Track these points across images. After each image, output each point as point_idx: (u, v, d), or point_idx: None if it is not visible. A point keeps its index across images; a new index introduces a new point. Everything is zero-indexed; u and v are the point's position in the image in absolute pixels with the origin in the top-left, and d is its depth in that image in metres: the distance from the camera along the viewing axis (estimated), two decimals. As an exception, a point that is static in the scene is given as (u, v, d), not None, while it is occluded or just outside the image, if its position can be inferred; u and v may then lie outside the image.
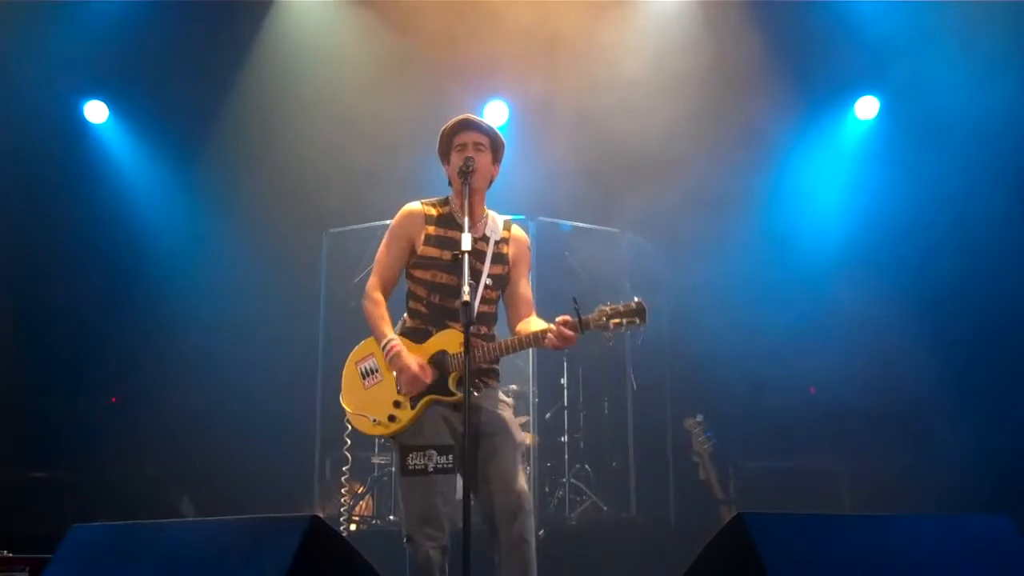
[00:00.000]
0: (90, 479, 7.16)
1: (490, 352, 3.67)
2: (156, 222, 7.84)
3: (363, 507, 6.83)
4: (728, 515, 5.20)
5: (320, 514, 3.82)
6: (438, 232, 3.79)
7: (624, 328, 3.52)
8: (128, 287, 7.58)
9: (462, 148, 3.78)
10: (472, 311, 3.47)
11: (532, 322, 3.77)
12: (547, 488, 6.96)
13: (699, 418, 6.59)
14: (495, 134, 3.87)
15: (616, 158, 7.19)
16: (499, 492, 3.60)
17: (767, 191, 7.59)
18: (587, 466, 7.12)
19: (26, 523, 6.01)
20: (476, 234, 3.76)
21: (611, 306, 3.54)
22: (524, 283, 3.91)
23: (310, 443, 7.28)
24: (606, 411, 7.54)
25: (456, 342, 3.59)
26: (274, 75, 7.60)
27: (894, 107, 7.58)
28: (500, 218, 3.92)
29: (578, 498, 6.92)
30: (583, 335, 3.55)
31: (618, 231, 7.50)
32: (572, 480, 6.93)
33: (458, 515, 3.47)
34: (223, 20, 7.41)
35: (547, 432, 7.06)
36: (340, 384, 3.85)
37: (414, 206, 3.85)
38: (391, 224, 3.88)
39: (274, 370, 7.37)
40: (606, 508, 6.90)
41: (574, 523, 6.73)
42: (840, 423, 7.05)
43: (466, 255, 3.50)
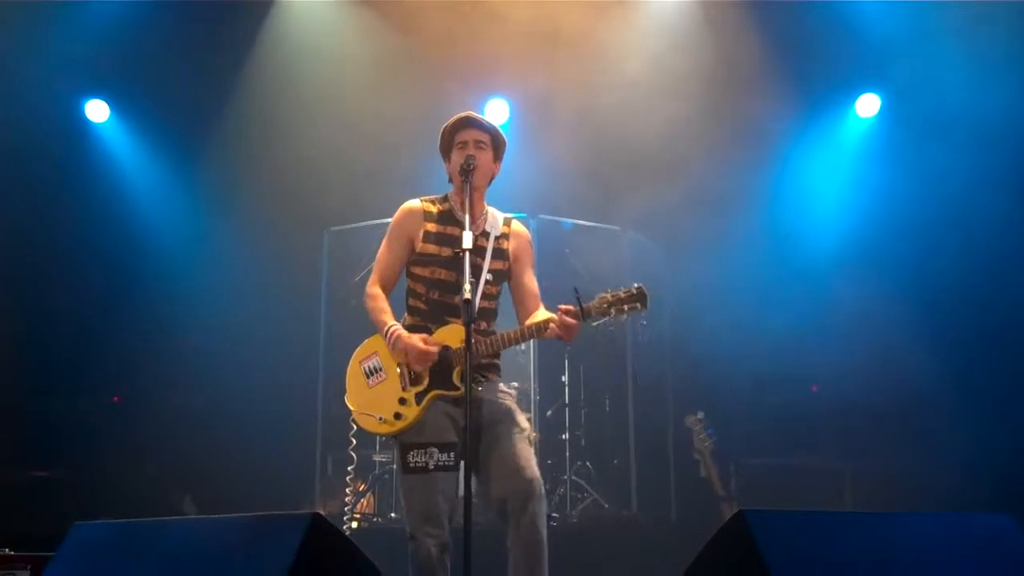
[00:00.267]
0: (91, 478, 7.16)
1: (492, 344, 3.67)
2: (157, 221, 7.84)
3: (364, 505, 6.82)
4: (729, 512, 5.21)
5: (322, 512, 3.82)
6: (437, 229, 3.78)
7: (626, 314, 3.55)
8: (129, 286, 7.58)
9: (463, 146, 3.78)
10: (473, 309, 3.46)
11: (539, 315, 3.76)
12: (548, 485, 6.93)
13: (700, 415, 6.60)
14: (496, 132, 3.87)
15: (617, 156, 7.20)
16: (507, 478, 3.58)
17: (768, 189, 7.58)
18: (588, 463, 7.12)
19: (27, 522, 6.01)
20: (476, 230, 3.76)
21: (612, 293, 3.57)
22: (529, 277, 3.90)
23: (311, 442, 7.28)
24: (607, 408, 7.54)
25: (458, 337, 3.57)
26: (275, 74, 7.60)
27: (895, 105, 7.58)
28: (500, 214, 3.91)
29: (579, 495, 6.91)
30: (585, 323, 3.56)
31: (619, 229, 7.50)
32: (573, 477, 6.93)
33: (460, 512, 3.47)
34: (224, 20, 7.41)
35: (548, 429, 7.06)
36: (342, 383, 3.84)
37: (413, 203, 3.85)
38: (391, 222, 3.88)
39: (275, 369, 7.37)
40: (607, 506, 6.89)
41: (575, 521, 6.73)
42: (842, 420, 7.06)
43: (467, 253, 3.50)
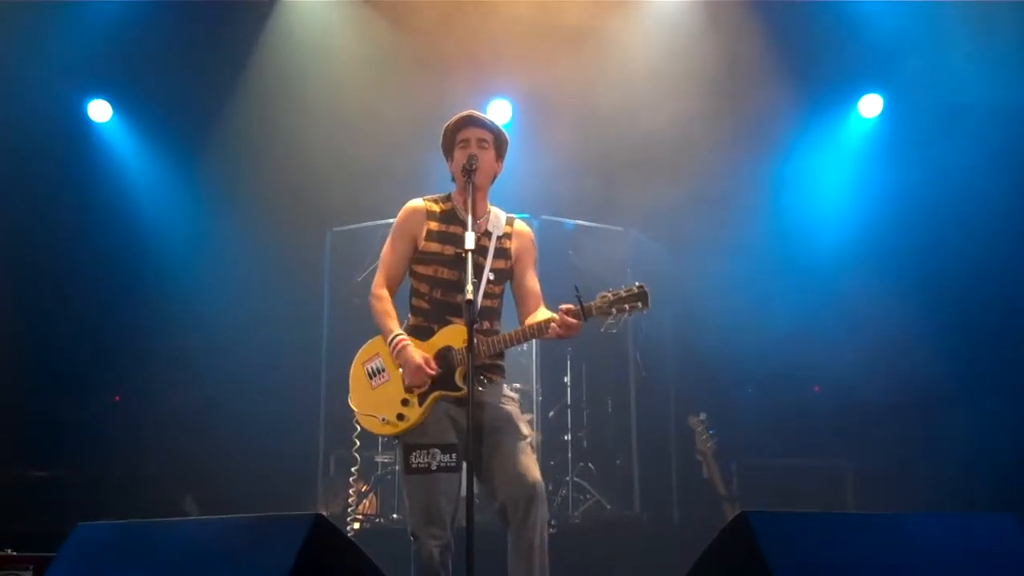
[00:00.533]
0: (93, 478, 7.17)
1: (494, 344, 3.67)
2: (159, 221, 7.84)
3: (367, 505, 6.82)
4: (731, 513, 5.21)
5: (324, 512, 3.82)
6: (440, 228, 3.78)
7: (627, 313, 3.54)
8: (131, 286, 7.58)
9: (465, 144, 3.77)
10: (475, 309, 3.47)
11: (540, 315, 3.76)
12: (551, 486, 6.94)
13: (702, 416, 6.59)
14: (498, 130, 3.86)
15: (619, 156, 7.18)
16: (507, 483, 3.59)
17: (771, 189, 7.58)
18: (590, 464, 7.12)
19: (30, 522, 6.02)
20: (479, 230, 3.76)
21: (613, 292, 3.56)
22: (531, 276, 3.90)
23: (314, 442, 7.28)
24: (609, 409, 7.54)
25: (460, 337, 3.58)
26: (277, 74, 7.60)
27: (898, 105, 7.57)
28: (503, 214, 3.90)
29: (581, 496, 6.91)
30: (586, 322, 3.56)
31: (621, 229, 7.49)
32: (575, 478, 6.93)
33: (462, 512, 3.47)
34: (226, 19, 7.41)
35: (550, 430, 7.05)
36: (344, 383, 3.84)
37: (416, 203, 3.85)
38: (394, 222, 3.88)
39: (278, 368, 7.38)
40: (609, 506, 6.89)
41: (578, 521, 6.73)
42: (844, 421, 7.05)
43: (469, 254, 3.50)
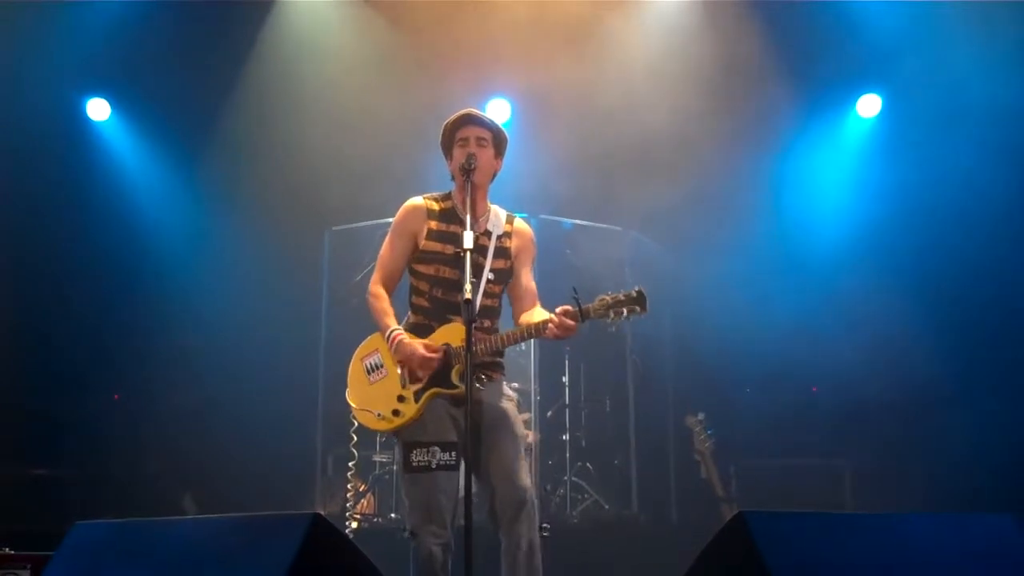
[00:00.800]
0: (92, 477, 7.17)
1: (491, 344, 3.66)
2: (158, 220, 7.83)
3: (365, 505, 6.82)
4: (729, 513, 5.19)
5: (322, 512, 3.82)
6: (440, 227, 3.78)
7: (625, 316, 3.52)
8: (130, 285, 7.57)
9: (464, 143, 3.77)
10: (474, 309, 3.47)
11: (536, 314, 3.76)
12: (548, 486, 6.95)
13: (700, 416, 6.59)
14: (497, 128, 3.86)
15: (618, 156, 7.19)
16: (501, 486, 3.59)
17: (770, 189, 7.58)
18: (588, 464, 7.12)
19: (28, 520, 6.02)
20: (479, 229, 3.75)
21: (611, 295, 3.55)
22: (527, 275, 3.90)
23: (312, 441, 7.27)
24: (608, 409, 7.54)
25: (459, 335, 3.57)
26: (276, 73, 7.60)
27: (897, 105, 7.57)
28: (503, 212, 3.90)
29: (579, 496, 6.91)
30: (584, 324, 3.55)
31: (620, 229, 7.49)
32: (574, 478, 6.93)
33: (461, 511, 3.47)
34: (224, 19, 7.41)
35: (549, 430, 7.05)
36: (343, 382, 3.85)
37: (416, 201, 3.85)
38: (394, 221, 3.87)
39: (276, 368, 7.37)
40: (607, 506, 6.89)
41: (575, 521, 6.73)
42: (842, 421, 7.05)
43: (468, 253, 3.51)
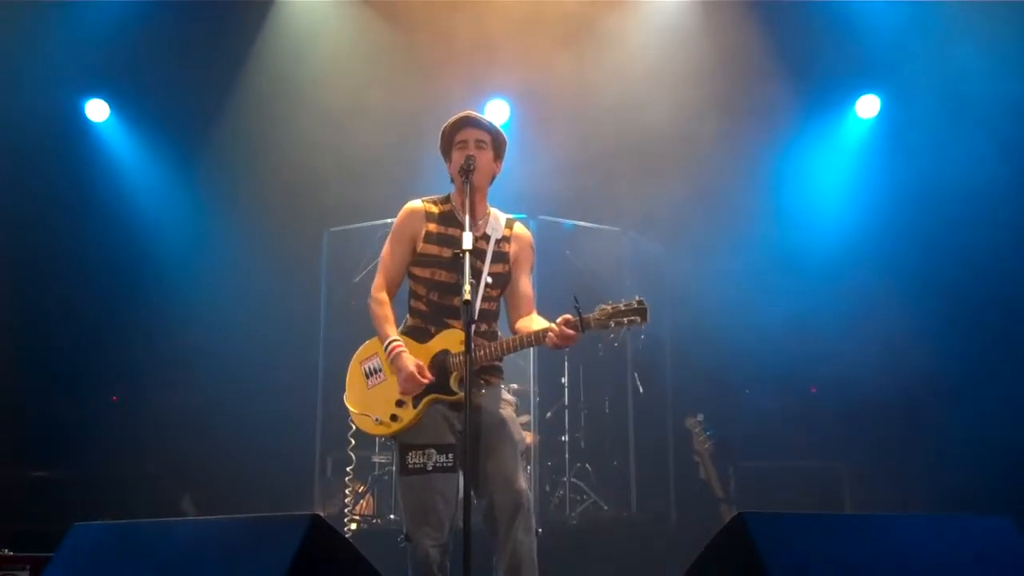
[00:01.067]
0: (91, 478, 7.16)
1: (490, 352, 3.66)
2: (157, 221, 7.83)
3: (363, 506, 6.82)
4: (728, 514, 5.21)
5: (321, 513, 3.82)
6: (439, 230, 3.77)
7: (625, 327, 3.50)
8: (129, 286, 7.58)
9: (463, 145, 3.76)
10: (473, 310, 3.47)
11: (533, 320, 3.76)
12: (548, 487, 6.95)
13: (700, 417, 6.60)
14: (496, 131, 3.85)
15: (617, 156, 7.19)
16: (498, 491, 3.58)
17: (769, 190, 7.58)
18: (588, 465, 7.12)
19: (27, 522, 6.02)
20: (477, 232, 3.74)
21: (612, 305, 3.52)
22: (525, 280, 3.89)
23: (311, 442, 7.27)
24: (607, 410, 7.53)
25: (458, 341, 3.58)
26: (274, 74, 7.60)
27: (895, 105, 7.58)
28: (502, 216, 3.89)
29: (579, 497, 6.91)
30: (584, 334, 3.54)
31: (619, 230, 7.49)
32: (573, 479, 6.93)
33: (459, 514, 3.47)
34: (224, 19, 7.41)
35: (548, 431, 7.05)
36: (341, 383, 3.84)
37: (415, 204, 3.84)
38: (393, 224, 3.87)
39: (275, 369, 7.38)
40: (607, 507, 6.89)
41: (575, 522, 6.73)
42: (841, 423, 7.05)
43: (467, 254, 3.50)
